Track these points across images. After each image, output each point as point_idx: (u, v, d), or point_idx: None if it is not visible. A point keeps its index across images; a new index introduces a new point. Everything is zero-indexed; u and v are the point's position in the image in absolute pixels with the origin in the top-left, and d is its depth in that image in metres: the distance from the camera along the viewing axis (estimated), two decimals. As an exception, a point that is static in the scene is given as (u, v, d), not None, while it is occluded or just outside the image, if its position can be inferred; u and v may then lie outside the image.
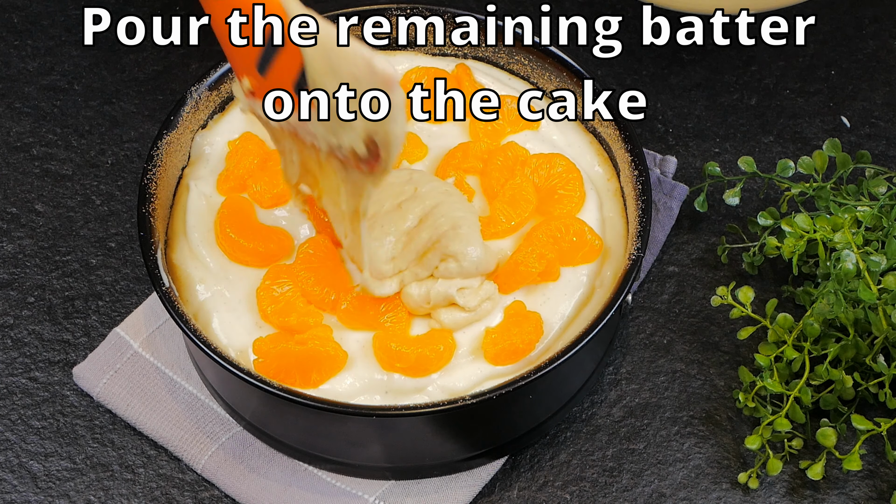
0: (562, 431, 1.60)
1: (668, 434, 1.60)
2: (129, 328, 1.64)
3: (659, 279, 1.69)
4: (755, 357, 1.57)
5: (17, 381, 1.63)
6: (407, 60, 1.69)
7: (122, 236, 1.71)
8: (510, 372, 1.52)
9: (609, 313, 1.50)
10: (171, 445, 1.59)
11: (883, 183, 1.65)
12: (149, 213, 1.56)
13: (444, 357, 1.51)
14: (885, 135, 1.77)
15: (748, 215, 1.72)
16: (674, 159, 1.73)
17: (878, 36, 1.84)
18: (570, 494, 1.57)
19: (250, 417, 1.57)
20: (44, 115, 1.79)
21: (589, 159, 1.64)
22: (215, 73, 1.64)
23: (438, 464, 1.56)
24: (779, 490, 1.57)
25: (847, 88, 1.81)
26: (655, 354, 1.64)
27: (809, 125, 1.78)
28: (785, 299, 1.67)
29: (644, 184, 1.58)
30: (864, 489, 1.57)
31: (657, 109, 1.79)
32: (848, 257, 1.53)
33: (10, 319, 1.66)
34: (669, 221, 1.71)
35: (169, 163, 1.60)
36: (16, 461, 1.59)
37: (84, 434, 1.60)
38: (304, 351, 1.51)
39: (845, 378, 1.55)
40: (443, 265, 1.53)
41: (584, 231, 1.57)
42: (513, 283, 1.55)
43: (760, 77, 1.81)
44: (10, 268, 1.69)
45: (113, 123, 1.78)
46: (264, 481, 1.57)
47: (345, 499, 1.56)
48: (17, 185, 1.75)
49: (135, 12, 1.85)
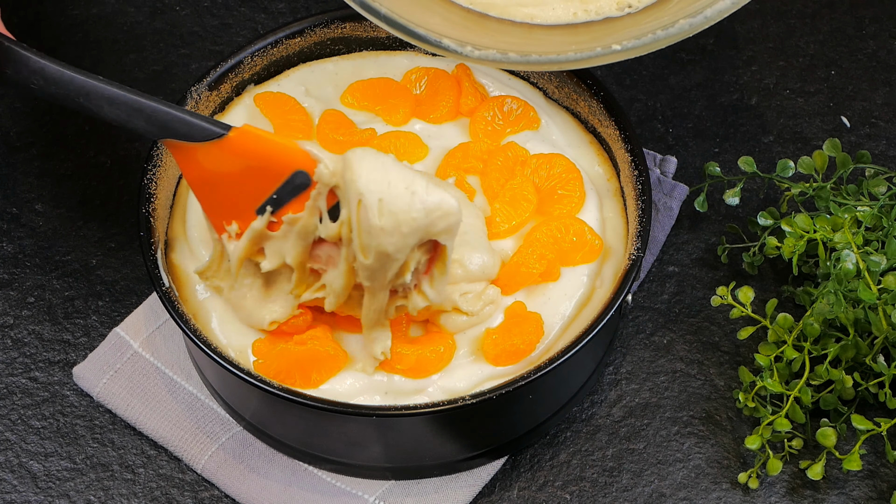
0: (562, 431, 1.60)
1: (668, 434, 1.60)
2: (129, 328, 1.64)
3: (659, 279, 1.69)
4: (755, 357, 1.57)
5: (17, 381, 1.63)
6: (407, 60, 1.69)
7: (122, 236, 1.71)
8: (511, 372, 1.52)
9: (609, 313, 1.50)
10: (171, 445, 1.59)
11: (883, 183, 1.65)
12: (149, 213, 1.56)
13: (445, 358, 1.51)
14: (885, 135, 1.77)
15: (748, 215, 1.72)
16: (674, 159, 1.73)
17: (878, 36, 1.84)
18: (570, 494, 1.57)
19: (250, 417, 1.57)
20: (44, 115, 1.79)
21: (589, 159, 1.64)
22: (215, 72, 1.64)
23: (438, 464, 1.56)
24: (779, 490, 1.57)
25: (847, 88, 1.81)
26: (655, 354, 1.64)
27: (809, 125, 1.78)
28: (785, 299, 1.67)
29: (644, 184, 1.58)
30: (864, 489, 1.57)
31: (657, 109, 1.79)
32: (848, 257, 1.53)
33: (10, 319, 1.66)
34: (669, 221, 1.71)
35: (169, 163, 1.60)
36: (16, 461, 1.59)
37: (84, 434, 1.60)
38: (304, 351, 1.51)
39: (845, 378, 1.55)
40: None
41: (584, 231, 1.57)
42: (514, 284, 1.55)
43: (760, 77, 1.81)
44: (10, 268, 1.69)
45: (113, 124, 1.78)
46: (264, 481, 1.57)
47: (345, 499, 1.56)
48: (17, 185, 1.74)
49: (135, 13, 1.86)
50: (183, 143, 1.46)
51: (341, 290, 1.49)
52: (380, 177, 1.43)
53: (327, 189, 1.46)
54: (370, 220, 1.43)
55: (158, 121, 1.45)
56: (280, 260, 1.49)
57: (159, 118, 1.45)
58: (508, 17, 1.60)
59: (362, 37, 1.69)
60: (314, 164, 1.45)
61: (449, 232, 1.45)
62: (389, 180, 1.43)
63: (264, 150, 1.46)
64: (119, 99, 1.45)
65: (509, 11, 1.60)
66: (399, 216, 1.43)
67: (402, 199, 1.43)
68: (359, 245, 1.44)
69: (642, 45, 1.48)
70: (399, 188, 1.43)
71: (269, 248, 1.50)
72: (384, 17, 1.51)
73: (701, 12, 1.48)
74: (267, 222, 1.48)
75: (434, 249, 1.47)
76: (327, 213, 1.46)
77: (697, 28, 1.48)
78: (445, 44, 1.50)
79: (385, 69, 1.68)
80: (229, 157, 1.46)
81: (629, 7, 1.59)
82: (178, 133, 1.45)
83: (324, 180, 1.45)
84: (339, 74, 1.68)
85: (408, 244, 1.44)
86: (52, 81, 1.44)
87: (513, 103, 1.64)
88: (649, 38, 1.48)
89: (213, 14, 1.86)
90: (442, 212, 1.43)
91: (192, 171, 1.47)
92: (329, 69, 1.68)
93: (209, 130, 1.46)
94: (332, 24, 1.68)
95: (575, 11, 1.59)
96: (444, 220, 1.44)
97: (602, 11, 1.59)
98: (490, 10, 1.60)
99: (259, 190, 1.47)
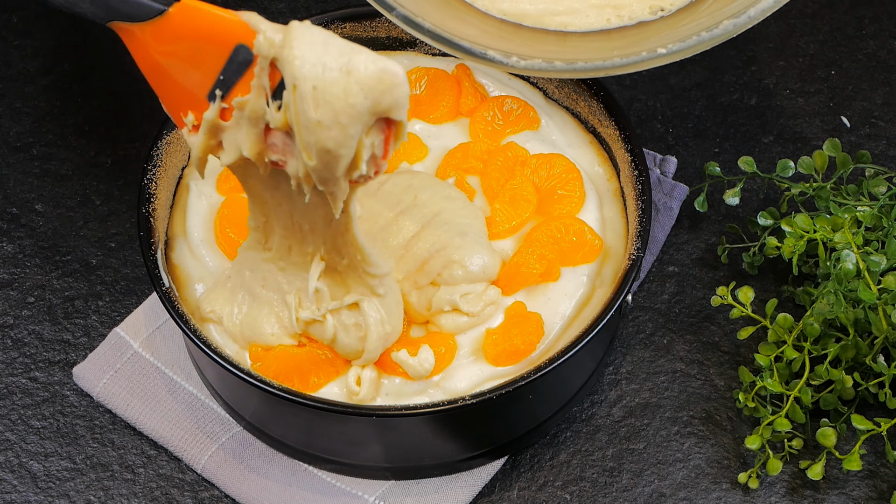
0: (562, 431, 1.60)
1: (668, 434, 1.60)
2: (129, 328, 1.64)
3: (659, 279, 1.69)
4: (755, 357, 1.57)
5: (17, 381, 1.63)
6: (407, 60, 1.69)
7: (122, 236, 1.71)
8: (511, 373, 1.52)
9: (609, 313, 1.50)
10: (171, 445, 1.59)
11: (883, 183, 1.65)
12: (149, 213, 1.56)
13: (446, 359, 1.51)
14: (885, 135, 1.78)
15: (748, 215, 1.72)
16: (674, 159, 1.73)
17: (878, 36, 1.84)
18: (570, 494, 1.57)
19: (250, 417, 1.57)
20: (44, 115, 1.79)
21: (589, 159, 1.65)
22: (215, 73, 1.64)
23: (438, 464, 1.56)
24: (779, 490, 1.57)
25: (847, 88, 1.81)
26: (655, 354, 1.64)
27: (809, 125, 1.78)
28: (785, 299, 1.67)
29: (644, 184, 1.58)
30: (864, 489, 1.57)
31: (657, 109, 1.79)
32: (848, 257, 1.53)
33: (10, 319, 1.66)
34: (669, 221, 1.71)
35: (169, 163, 1.60)
36: (16, 461, 1.59)
37: (84, 434, 1.60)
38: (303, 354, 1.50)
39: (845, 378, 1.55)
40: (447, 272, 1.52)
41: (584, 231, 1.57)
42: (514, 284, 1.55)
43: (760, 77, 1.81)
44: (10, 268, 1.69)
45: (113, 123, 1.78)
46: (264, 481, 1.57)
47: (345, 499, 1.56)
48: (17, 185, 1.74)
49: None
50: (130, 27, 1.38)
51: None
52: (316, 57, 1.29)
53: (268, 62, 1.32)
54: (306, 113, 1.30)
55: (103, 2, 1.36)
56: (237, 152, 1.38)
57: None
58: (542, 26, 1.60)
59: (362, 37, 1.69)
60: (254, 35, 1.34)
61: (398, 106, 1.31)
62: (325, 62, 1.29)
63: (206, 25, 1.36)
64: None
65: (543, 21, 1.60)
66: (335, 105, 1.29)
67: (338, 84, 1.29)
68: (300, 143, 1.32)
69: (687, 48, 1.48)
70: (333, 71, 1.29)
71: (225, 139, 1.39)
72: (428, 32, 1.51)
73: (744, 12, 1.48)
74: (219, 110, 1.37)
75: (388, 127, 1.34)
76: (272, 94, 1.34)
77: (741, 28, 1.48)
78: (491, 55, 1.50)
79: (385, 69, 1.68)
80: (174, 37, 1.37)
81: (662, 10, 1.59)
82: (121, 13, 1.36)
83: (263, 52, 1.32)
84: (339, 74, 1.68)
85: (351, 135, 1.31)
86: None
87: (513, 103, 1.64)
88: (694, 41, 1.47)
89: (213, 14, 1.86)
90: (385, 85, 1.30)
91: (143, 57, 1.39)
92: (329, 69, 1.68)
93: (150, 7, 1.36)
94: (332, 24, 1.68)
95: (608, 18, 1.59)
96: (389, 94, 1.31)
97: (635, 16, 1.59)
98: (524, 21, 1.60)
99: (208, 72, 1.37)
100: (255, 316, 1.51)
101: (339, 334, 1.49)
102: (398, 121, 1.33)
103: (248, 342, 1.51)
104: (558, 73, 1.50)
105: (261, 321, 1.50)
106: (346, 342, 1.50)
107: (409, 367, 1.49)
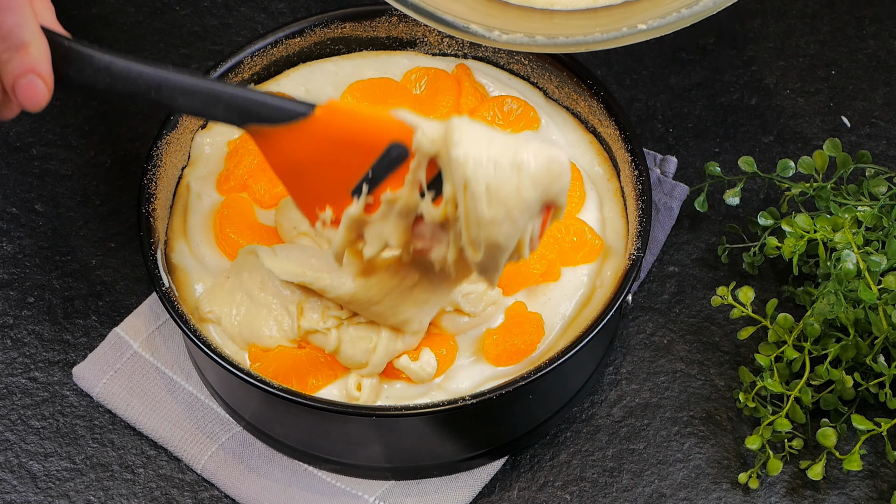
0: (562, 431, 1.60)
1: (669, 434, 1.60)
2: (128, 328, 1.64)
3: (659, 279, 1.69)
4: (755, 357, 1.57)
5: (17, 381, 1.63)
6: (407, 60, 1.69)
7: (122, 236, 1.71)
8: (512, 373, 1.52)
9: (609, 313, 1.50)
10: (171, 445, 1.59)
11: (883, 183, 1.65)
12: (149, 213, 1.56)
13: (447, 361, 1.51)
14: (885, 135, 1.77)
15: (748, 215, 1.72)
16: (674, 159, 1.73)
17: (878, 36, 1.84)
18: (570, 494, 1.57)
19: (250, 418, 1.57)
20: (44, 115, 1.79)
21: (589, 159, 1.64)
22: (215, 73, 1.64)
23: (438, 464, 1.56)
24: (779, 490, 1.57)
25: (847, 88, 1.81)
26: (655, 354, 1.64)
27: (809, 125, 1.78)
28: (785, 299, 1.66)
29: (644, 184, 1.58)
30: (864, 489, 1.57)
31: (657, 109, 1.79)
32: (848, 257, 1.53)
33: (10, 319, 1.66)
34: (669, 221, 1.71)
35: (169, 163, 1.60)
36: (16, 461, 1.59)
37: (84, 434, 1.60)
38: (303, 355, 1.50)
39: (845, 378, 1.55)
40: (449, 272, 1.53)
41: (585, 231, 1.57)
42: (515, 284, 1.55)
43: (760, 77, 1.81)
44: (10, 268, 1.69)
45: (113, 123, 1.78)
46: (264, 481, 1.57)
47: (345, 499, 1.56)
48: (17, 185, 1.74)
49: (135, 13, 1.85)
50: (266, 129, 1.36)
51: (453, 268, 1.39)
52: (484, 155, 1.31)
53: (427, 159, 1.33)
54: (479, 212, 1.31)
55: (238, 107, 1.35)
56: (382, 244, 1.38)
57: (238, 104, 1.35)
58: (529, 4, 1.60)
59: (362, 37, 1.69)
60: (411, 132, 1.34)
61: (563, 193, 1.33)
62: (495, 160, 1.31)
63: (355, 126, 1.35)
64: (194, 89, 1.35)
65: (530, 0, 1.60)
66: (508, 202, 1.31)
67: (510, 181, 1.31)
68: (467, 239, 1.34)
69: (667, 24, 1.48)
70: (505, 169, 1.31)
71: (368, 232, 1.39)
72: (411, 5, 1.50)
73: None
74: (364, 205, 1.37)
75: (546, 211, 1.36)
76: (427, 187, 1.35)
77: (721, 6, 1.48)
78: (473, 29, 1.50)
79: (385, 69, 1.68)
80: (317, 138, 1.36)
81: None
82: (260, 117, 1.35)
83: (423, 149, 1.33)
84: (340, 74, 1.68)
85: (521, 228, 1.34)
86: (121, 78, 1.33)
87: (513, 103, 1.64)
88: (674, 17, 1.48)
89: (213, 14, 1.86)
90: (553, 175, 1.33)
91: (277, 158, 1.37)
92: (329, 69, 1.68)
93: (293, 110, 1.36)
94: (332, 24, 1.68)
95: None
96: (556, 183, 1.33)
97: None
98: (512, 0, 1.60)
99: (352, 169, 1.36)
100: (253, 317, 1.51)
101: (344, 346, 1.49)
102: (559, 206, 1.35)
103: (246, 343, 1.51)
104: (539, 47, 1.50)
105: (259, 323, 1.50)
106: (350, 353, 1.49)
107: (412, 372, 1.49)
